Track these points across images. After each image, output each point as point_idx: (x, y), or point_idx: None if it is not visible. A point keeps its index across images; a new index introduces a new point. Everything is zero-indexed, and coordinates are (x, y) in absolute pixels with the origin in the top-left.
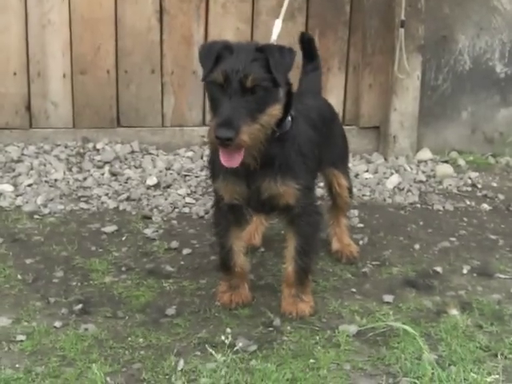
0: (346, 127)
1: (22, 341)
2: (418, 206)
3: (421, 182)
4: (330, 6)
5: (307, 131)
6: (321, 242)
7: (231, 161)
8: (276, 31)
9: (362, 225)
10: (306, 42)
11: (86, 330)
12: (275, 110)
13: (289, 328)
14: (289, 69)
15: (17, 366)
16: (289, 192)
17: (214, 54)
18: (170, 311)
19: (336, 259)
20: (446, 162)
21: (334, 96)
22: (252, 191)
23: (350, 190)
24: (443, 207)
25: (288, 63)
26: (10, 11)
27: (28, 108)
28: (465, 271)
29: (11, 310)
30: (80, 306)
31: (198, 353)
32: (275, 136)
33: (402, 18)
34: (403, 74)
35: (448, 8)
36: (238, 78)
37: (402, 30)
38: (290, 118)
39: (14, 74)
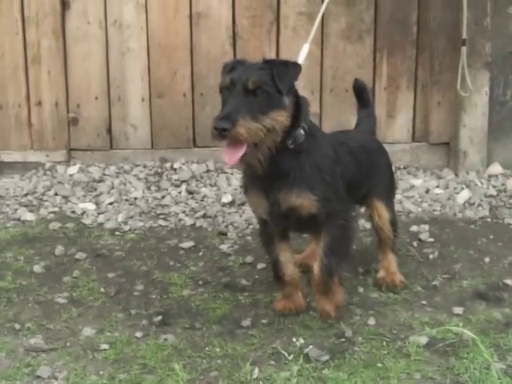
0: (416, 144)
1: (105, 349)
2: (489, 220)
3: (491, 196)
4: (398, 26)
5: (326, 148)
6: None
7: (231, 156)
8: (303, 55)
9: (432, 239)
10: (358, 89)
11: (166, 340)
12: (280, 116)
13: (360, 339)
14: (292, 80)
15: (101, 373)
16: (306, 203)
17: (229, 67)
18: (246, 323)
19: (378, 286)
20: None
21: (403, 114)
22: (271, 203)
23: (392, 223)
24: None
25: (291, 74)
26: (91, 39)
27: (109, 130)
28: None
29: (95, 321)
30: (160, 317)
31: (273, 362)
32: (289, 147)
33: (464, 36)
34: (466, 92)
35: None
36: (241, 81)
37: (463, 49)
38: (302, 131)
39: (96, 98)
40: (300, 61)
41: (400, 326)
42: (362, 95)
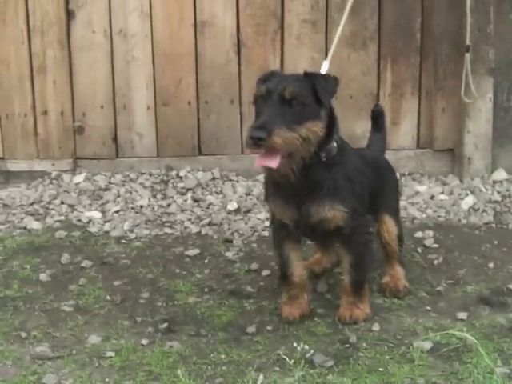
0: (420, 150)
1: (111, 357)
2: (493, 225)
3: (496, 202)
4: (401, 33)
5: (355, 161)
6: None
7: (266, 162)
8: (323, 72)
9: (436, 245)
10: (377, 114)
11: (171, 347)
12: (315, 127)
13: (364, 345)
14: (333, 93)
15: (107, 380)
16: (337, 216)
17: (264, 78)
18: (251, 329)
19: (382, 291)
20: None
21: (407, 121)
22: (302, 215)
23: (400, 238)
24: None
25: (332, 88)
26: (96, 49)
27: (114, 139)
28: None
29: (101, 329)
30: (165, 324)
31: (277, 368)
32: (322, 160)
33: (468, 43)
34: (470, 98)
35: None
36: (278, 91)
37: (467, 55)
38: (335, 144)
39: (101, 107)
40: None
41: (404, 332)
42: (379, 120)
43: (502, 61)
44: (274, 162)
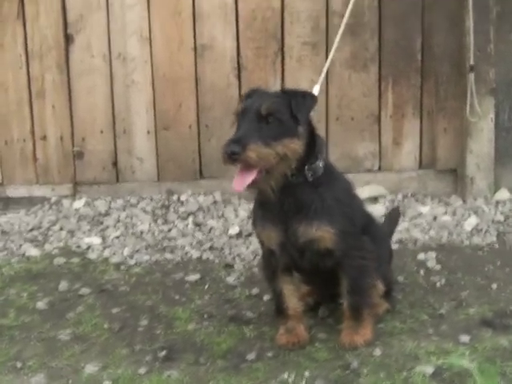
0: (423, 171)
1: None
2: (496, 246)
3: (499, 222)
4: (402, 54)
5: (345, 182)
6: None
7: (241, 182)
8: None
9: (439, 267)
10: (393, 218)
11: (169, 376)
12: (292, 143)
13: (365, 370)
14: (309, 110)
15: None
16: (326, 236)
17: (246, 96)
18: (251, 356)
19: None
20: None
21: (409, 141)
22: (289, 236)
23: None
24: None
25: (308, 105)
26: (95, 73)
27: (115, 164)
28: None
29: (98, 358)
30: (164, 352)
31: None
32: (308, 179)
33: (471, 63)
34: (475, 118)
35: None
36: (255, 108)
37: (471, 75)
38: (321, 164)
39: (101, 131)
40: None
41: (406, 357)
42: (395, 222)
43: (502, 80)
44: (249, 178)
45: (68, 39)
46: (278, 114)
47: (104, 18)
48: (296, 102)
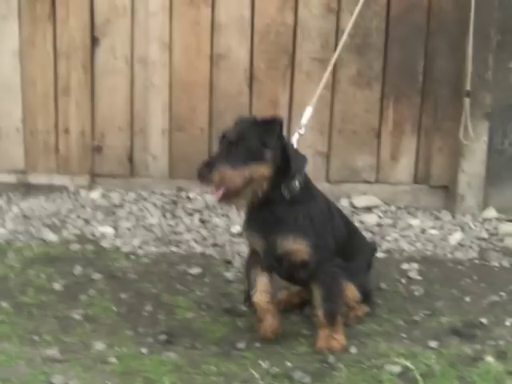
0: (417, 185)
1: (113, 363)
2: (477, 261)
3: (483, 239)
4: (405, 75)
5: (320, 203)
6: (375, 292)
7: (214, 194)
8: (306, 116)
9: (420, 277)
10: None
11: (168, 357)
12: (260, 168)
13: (341, 365)
14: (274, 135)
15: (108, 383)
16: (301, 249)
17: (234, 122)
18: (241, 345)
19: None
20: (511, 220)
21: (406, 157)
22: (268, 245)
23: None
24: (500, 264)
25: (276, 131)
26: (118, 74)
27: (130, 159)
28: (507, 323)
29: (106, 337)
30: (164, 336)
31: (261, 382)
32: (286, 198)
33: (468, 88)
34: (468, 140)
35: None
36: (228, 134)
37: (467, 100)
38: (297, 183)
39: (119, 129)
40: (304, 121)
41: (378, 356)
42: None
43: (498, 106)
44: (218, 194)
45: (94, 41)
46: (246, 141)
47: (128, 24)
48: (263, 129)
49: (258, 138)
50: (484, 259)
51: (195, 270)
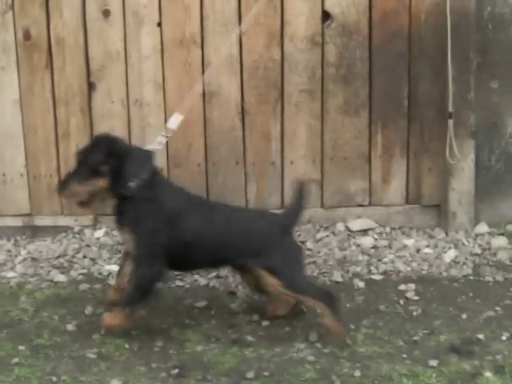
0: (409, 206)
1: None
2: (471, 278)
3: (476, 254)
4: (390, 101)
5: (159, 202)
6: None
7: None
8: (174, 121)
9: (417, 297)
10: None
11: None
12: (99, 181)
13: None
14: (101, 153)
15: None
16: (132, 239)
17: None
18: (250, 375)
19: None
20: (502, 234)
21: (397, 179)
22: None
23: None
24: (494, 278)
25: (101, 147)
26: (115, 116)
27: None
28: (504, 338)
29: (121, 374)
30: (176, 370)
31: None
32: (125, 196)
33: (450, 110)
34: (454, 160)
35: (496, 98)
36: (77, 154)
37: (450, 121)
38: (133, 184)
39: None
40: (173, 126)
41: (381, 377)
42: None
43: (482, 124)
44: (73, 202)
45: (90, 86)
46: (86, 160)
47: (123, 68)
48: (92, 147)
49: (95, 156)
50: (478, 275)
51: (201, 303)
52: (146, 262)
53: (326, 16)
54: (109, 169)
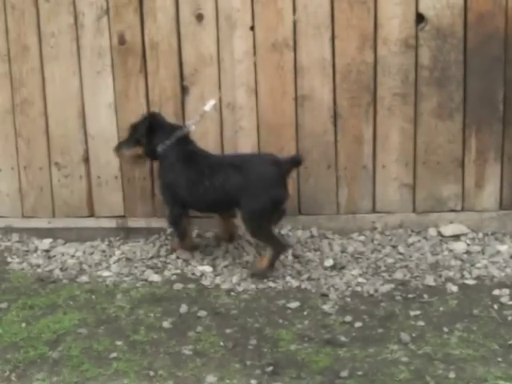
0: (503, 212)
1: None
2: None
3: None
4: (485, 104)
5: (172, 158)
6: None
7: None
8: (209, 105)
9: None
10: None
11: None
12: (138, 149)
13: None
14: (142, 127)
15: None
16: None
17: None
18: (344, 374)
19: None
20: None
21: (491, 184)
22: None
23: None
24: None
25: (141, 124)
26: (208, 120)
27: None
28: None
29: (216, 370)
30: (271, 368)
31: None
32: (155, 157)
33: None
34: None
35: None
36: (128, 128)
37: None
38: (160, 148)
39: None
40: (207, 108)
41: (476, 380)
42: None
43: None
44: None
45: (184, 90)
46: (133, 132)
47: (216, 72)
48: (138, 122)
49: (137, 130)
50: None
51: (294, 304)
52: (168, 206)
53: (420, 18)
54: (146, 139)
